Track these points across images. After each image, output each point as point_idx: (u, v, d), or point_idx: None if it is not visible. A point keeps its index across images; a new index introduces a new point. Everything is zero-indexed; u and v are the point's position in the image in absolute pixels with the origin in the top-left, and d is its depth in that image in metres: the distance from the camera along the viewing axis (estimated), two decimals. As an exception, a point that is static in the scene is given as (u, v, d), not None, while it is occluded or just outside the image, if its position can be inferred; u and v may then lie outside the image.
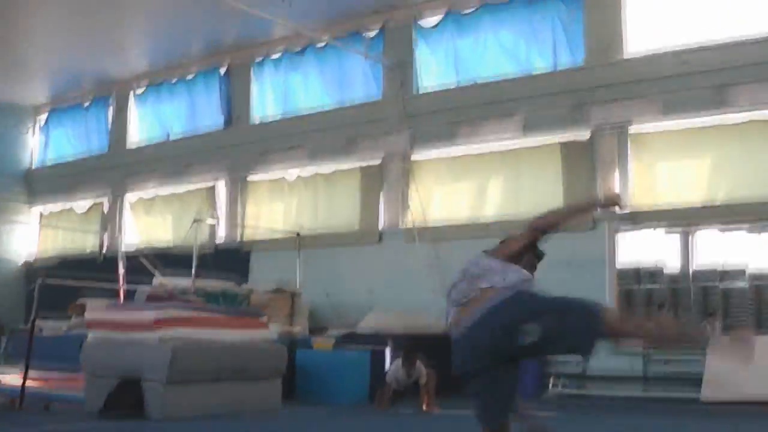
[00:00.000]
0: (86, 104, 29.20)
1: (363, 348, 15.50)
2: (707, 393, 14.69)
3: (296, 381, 14.96)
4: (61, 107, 30.22)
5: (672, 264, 17.03)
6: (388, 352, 15.21)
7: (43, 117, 30.90)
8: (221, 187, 24.52)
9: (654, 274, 17.07)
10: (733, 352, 5.65)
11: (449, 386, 14.80)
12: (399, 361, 14.08)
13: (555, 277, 17.75)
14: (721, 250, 16.71)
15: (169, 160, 25.64)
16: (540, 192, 18.45)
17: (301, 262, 20.04)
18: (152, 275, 18.75)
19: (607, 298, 16.79)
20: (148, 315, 12.46)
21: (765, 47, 16.31)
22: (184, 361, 11.94)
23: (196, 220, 19.64)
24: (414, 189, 20.12)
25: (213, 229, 23.79)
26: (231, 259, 22.25)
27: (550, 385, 16.79)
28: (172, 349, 11.86)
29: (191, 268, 18.15)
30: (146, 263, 19.34)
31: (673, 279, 16.91)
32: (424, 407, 13.62)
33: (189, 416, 11.51)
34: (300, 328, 17.61)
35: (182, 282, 17.77)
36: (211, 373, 12.30)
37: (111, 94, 28.33)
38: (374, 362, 15.02)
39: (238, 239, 23.56)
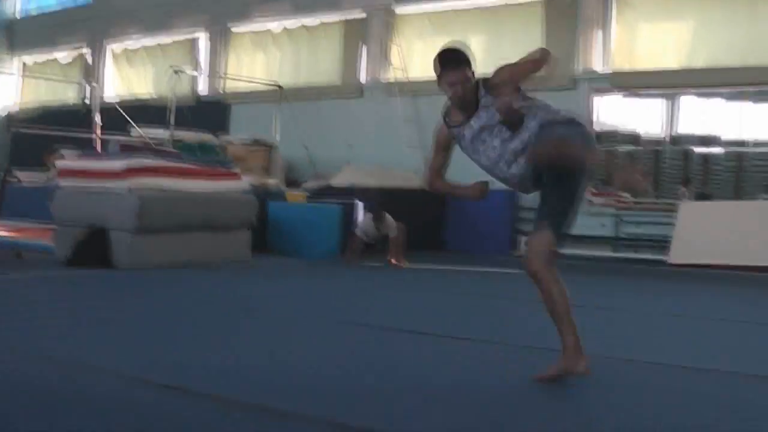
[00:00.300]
0: (69, -47, 28.63)
1: (336, 201, 15.53)
2: (675, 256, 14.87)
3: (268, 233, 15.05)
4: (43, -44, 29.62)
5: (651, 128, 17.04)
6: (359, 205, 15.22)
7: (26, -34, 30.36)
8: (204, 39, 24.24)
9: (633, 138, 17.03)
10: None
11: (418, 242, 15.11)
12: (369, 215, 14.16)
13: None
14: (701, 115, 16.71)
15: (153, 10, 25.22)
16: (521, 50, 18.19)
17: (281, 115, 19.92)
18: (131, 126, 18.67)
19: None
20: (118, 164, 12.39)
21: None
22: (153, 211, 11.95)
23: (175, 71, 19.42)
24: (396, 43, 19.91)
25: (194, 81, 23.65)
26: (212, 112, 22.21)
27: (522, 243, 16.89)
28: (140, 198, 11.86)
29: (171, 119, 18.07)
30: (125, 114, 19.24)
31: (651, 143, 16.90)
32: (393, 261, 13.73)
33: (156, 266, 11.55)
34: (275, 181, 17.59)
35: (160, 133, 17.71)
36: (179, 222, 12.32)
37: (95, -58, 27.69)
38: (346, 216, 15.03)
39: (220, 92, 23.39)
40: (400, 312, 8.74)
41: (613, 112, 17.38)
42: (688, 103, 16.83)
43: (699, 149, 16.55)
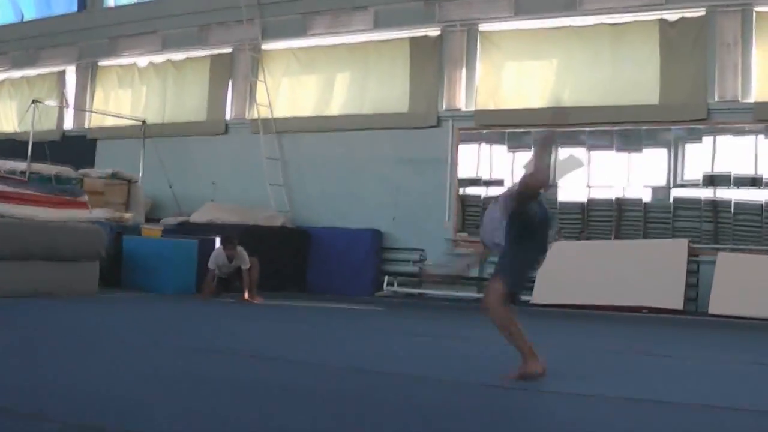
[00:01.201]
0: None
1: (191, 237, 15.13)
2: (537, 296, 14.85)
3: (123, 268, 14.59)
4: None
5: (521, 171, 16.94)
6: (217, 241, 14.80)
7: None
8: (71, 73, 23.66)
9: (500, 181, 16.87)
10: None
11: (280, 282, 14.78)
12: (221, 247, 13.76)
13: (398, 173, 17.64)
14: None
15: (21, 42, 24.55)
16: (386, 88, 18.16)
17: (146, 151, 19.46)
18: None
19: (447, 199, 16.86)
20: (-43, 189, 11.90)
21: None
22: (-7, 238, 11.42)
23: (34, 101, 18.83)
24: (262, 80, 19.63)
25: (60, 115, 23.06)
26: (77, 147, 21.62)
27: (385, 284, 16.68)
28: (-21, 225, 11.35)
29: (36, 153, 17.52)
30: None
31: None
32: (246, 296, 13.32)
33: (-3, 295, 10.97)
34: (132, 215, 16.97)
35: (18, 165, 17.08)
36: (20, 250, 11.76)
37: (-39, -29, 26.89)
38: (202, 252, 14.60)
39: (86, 127, 22.79)
40: (231, 338, 8.37)
41: (479, 156, 17.32)
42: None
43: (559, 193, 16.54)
